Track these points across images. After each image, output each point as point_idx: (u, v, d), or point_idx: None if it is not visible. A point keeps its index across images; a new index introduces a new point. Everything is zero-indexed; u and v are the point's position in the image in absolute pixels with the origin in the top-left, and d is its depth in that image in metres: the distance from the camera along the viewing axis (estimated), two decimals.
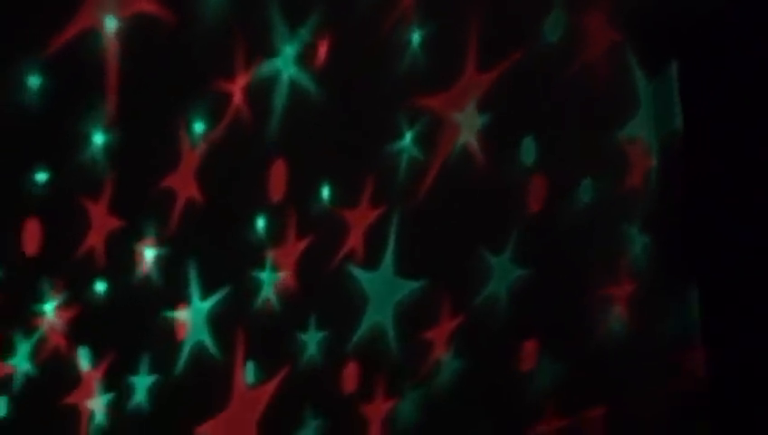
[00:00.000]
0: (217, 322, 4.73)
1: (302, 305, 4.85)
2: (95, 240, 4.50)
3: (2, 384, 4.37)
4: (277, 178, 4.75)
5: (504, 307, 5.10)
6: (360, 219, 4.90)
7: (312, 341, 4.85)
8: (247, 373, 4.78)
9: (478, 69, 4.99)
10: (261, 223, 4.79)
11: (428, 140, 4.98)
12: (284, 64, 4.74)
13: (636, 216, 5.26)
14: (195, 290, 4.68)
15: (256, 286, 4.78)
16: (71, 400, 4.51)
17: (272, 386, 4.76)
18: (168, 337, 4.65)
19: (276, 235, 4.80)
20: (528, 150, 5.09)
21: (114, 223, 4.53)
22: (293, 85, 4.76)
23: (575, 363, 5.14)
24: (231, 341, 4.76)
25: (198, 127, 4.60)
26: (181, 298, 4.66)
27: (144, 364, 4.60)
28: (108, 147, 4.49)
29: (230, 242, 4.73)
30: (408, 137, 4.95)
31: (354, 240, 4.90)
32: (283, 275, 4.82)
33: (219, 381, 4.70)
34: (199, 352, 4.69)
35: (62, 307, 4.45)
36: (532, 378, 5.08)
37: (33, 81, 4.36)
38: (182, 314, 4.67)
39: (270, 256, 4.79)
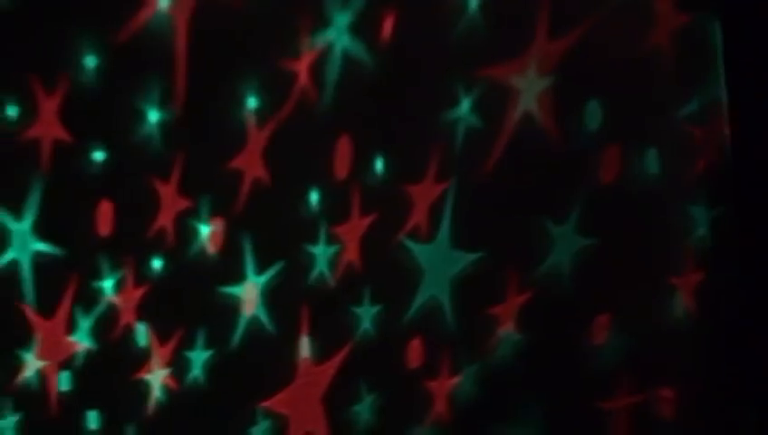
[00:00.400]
0: (273, 297, 4.48)
1: (356, 279, 4.31)
2: (165, 220, 4.64)
3: (67, 359, 4.78)
4: (342, 154, 4.35)
5: (568, 279, 3.88)
6: (423, 194, 4.18)
7: (366, 315, 4.27)
8: (303, 348, 4.39)
9: (542, 34, 3.95)
10: (315, 197, 4.41)
11: (487, 107, 4.05)
12: (339, 35, 4.32)
13: (703, 194, 3.64)
14: (250, 265, 4.48)
15: (311, 261, 4.39)
16: (131, 374, 4.70)
17: (335, 361, 4.32)
18: (225, 312, 4.54)
19: (338, 210, 4.37)
20: (593, 116, 3.82)
21: (183, 203, 4.61)
22: (351, 59, 4.31)
23: (644, 340, 3.73)
24: (288, 315, 4.46)
25: (264, 107, 4.47)
26: (238, 273, 4.53)
27: (201, 339, 4.56)
28: (176, 129, 4.60)
29: (288, 218, 4.44)
30: (466, 105, 4.09)
31: (419, 215, 4.19)
32: (338, 250, 4.34)
33: (277, 355, 4.44)
34: (255, 326, 4.49)
35: (124, 284, 4.68)
36: (598, 353, 3.78)
37: (104, 63, 4.64)
38: (239, 289, 4.52)
39: (327, 230, 4.37)
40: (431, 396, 4.12)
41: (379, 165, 4.22)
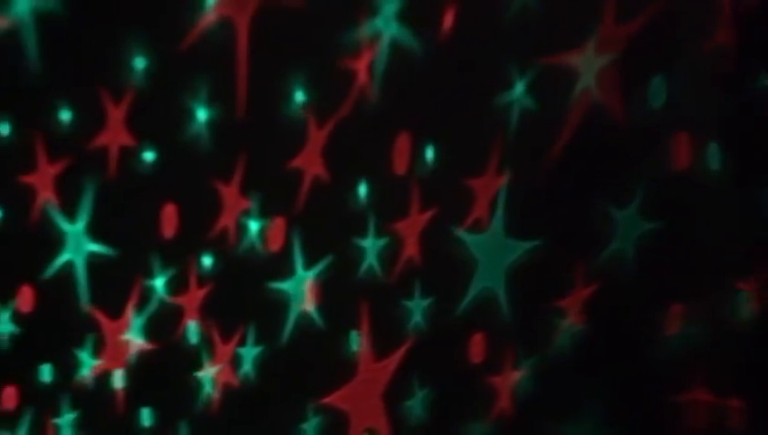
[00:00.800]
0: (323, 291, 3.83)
1: (406, 272, 3.65)
2: (227, 220, 4.00)
3: (123, 358, 4.17)
4: (401, 149, 3.69)
5: (631, 266, 3.21)
6: (484, 186, 3.53)
7: (417, 308, 3.61)
8: (353, 343, 3.74)
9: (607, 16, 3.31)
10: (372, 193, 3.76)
11: (543, 88, 3.39)
12: (387, 24, 3.67)
13: None
14: (308, 263, 3.85)
15: (368, 256, 3.74)
16: (184, 372, 4.07)
17: (395, 357, 3.66)
18: (274, 308, 3.89)
19: (397, 205, 3.71)
20: (657, 94, 3.16)
21: (244, 203, 3.96)
22: (400, 47, 3.66)
23: (714, 332, 3.07)
24: (337, 310, 3.80)
25: (324, 106, 3.82)
26: (287, 268, 3.88)
27: (251, 335, 3.92)
28: (238, 131, 3.97)
29: (348, 214, 3.80)
30: (520, 87, 3.43)
31: (480, 209, 3.53)
32: (396, 245, 3.68)
33: (328, 350, 3.79)
34: (305, 322, 3.84)
35: (175, 283, 4.06)
36: (665, 344, 3.12)
37: (165, 68, 4.03)
38: (288, 285, 3.88)
39: (385, 226, 3.72)
40: (492, 391, 3.48)
41: (437, 159, 3.59)
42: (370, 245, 3.70)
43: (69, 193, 4.11)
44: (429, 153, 3.57)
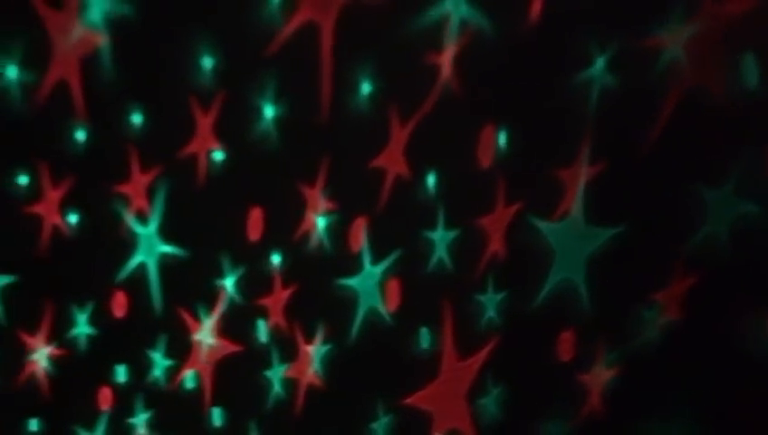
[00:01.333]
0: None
1: (477, 265, 2.89)
2: (311, 223, 3.26)
3: (191, 357, 3.45)
4: (485, 143, 2.93)
5: (726, 251, 2.43)
6: (572, 177, 2.76)
7: (490, 303, 2.86)
8: (422, 339, 2.98)
9: None
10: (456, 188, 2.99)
11: (625, 65, 2.62)
12: (456, 5, 2.93)
13: None
14: (395, 262, 3.10)
15: (429, 247, 2.98)
16: (250, 370, 3.33)
17: (480, 356, 2.90)
18: (343, 305, 3.15)
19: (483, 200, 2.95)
20: (749, 69, 2.39)
21: (327, 205, 3.22)
22: (471, 28, 2.91)
23: None
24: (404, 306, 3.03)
25: (407, 103, 3.08)
26: (354, 264, 3.13)
27: (320, 333, 3.19)
28: (322, 133, 3.22)
29: (430, 211, 3.05)
30: (600, 63, 2.67)
31: (569, 201, 2.77)
32: (462, 236, 2.93)
33: (399, 347, 3.04)
34: (372, 317, 3.09)
35: (242, 281, 3.34)
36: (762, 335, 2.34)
37: (249, 72, 3.28)
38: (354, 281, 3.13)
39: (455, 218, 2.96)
40: (578, 389, 2.73)
41: (522, 150, 2.84)
42: (440, 238, 2.96)
43: (158, 200, 3.41)
44: (513, 144, 2.82)
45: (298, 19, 3.01)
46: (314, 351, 3.15)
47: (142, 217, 3.40)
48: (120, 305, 3.52)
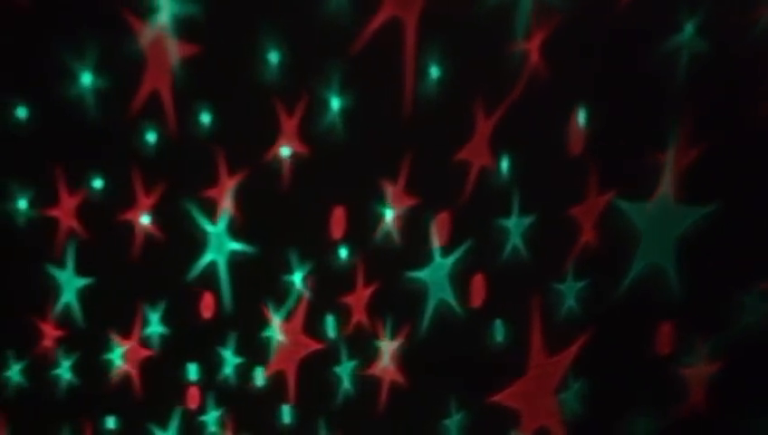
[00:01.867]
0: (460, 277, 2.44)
1: (553, 251, 2.27)
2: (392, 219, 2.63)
3: (259, 354, 2.85)
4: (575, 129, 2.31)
5: None
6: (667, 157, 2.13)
7: (569, 292, 2.24)
8: (497, 332, 2.36)
9: None
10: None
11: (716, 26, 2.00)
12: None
13: None
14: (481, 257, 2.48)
15: (503, 236, 2.37)
16: (319, 367, 2.73)
17: (571, 351, 2.26)
18: (411, 297, 2.54)
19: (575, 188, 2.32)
20: None
21: (409, 201, 2.61)
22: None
23: None
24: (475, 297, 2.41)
25: (494, 93, 2.47)
26: (468, 267, 2.50)
27: (387, 327, 2.58)
28: (405, 130, 2.62)
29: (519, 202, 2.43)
30: (689, 28, 2.05)
31: (661, 183, 2.13)
32: (530, 220, 2.30)
33: (467, 341, 2.41)
34: (444, 310, 2.47)
35: (312, 276, 2.75)
36: None
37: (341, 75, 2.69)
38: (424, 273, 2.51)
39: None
40: (671, 382, 2.10)
41: (615, 135, 2.22)
42: (514, 225, 2.36)
43: (245, 204, 2.84)
44: (604, 128, 2.21)
45: (381, 16, 2.43)
46: (393, 347, 2.54)
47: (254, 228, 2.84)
48: (193, 304, 2.98)
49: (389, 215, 2.53)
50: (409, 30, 2.42)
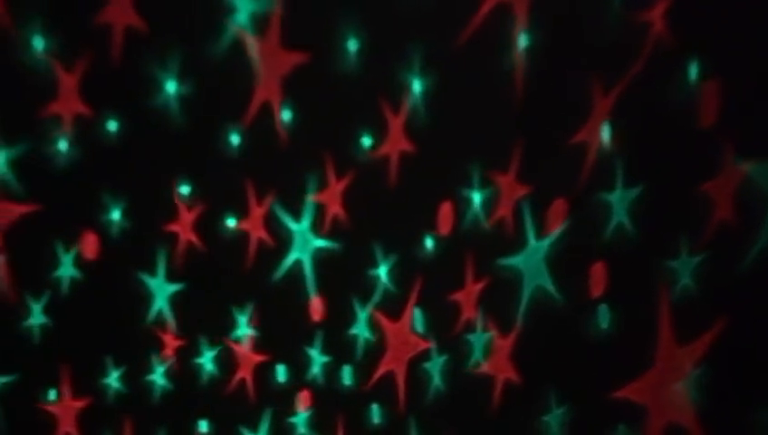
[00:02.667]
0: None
1: (662, 225, 1.80)
2: (504, 211, 2.20)
3: (346, 352, 2.45)
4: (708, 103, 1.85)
5: None
6: None
7: (684, 268, 1.77)
8: (601, 318, 1.91)
9: None
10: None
11: None
12: None
13: None
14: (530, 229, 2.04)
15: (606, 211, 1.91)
16: (427, 365, 2.29)
17: (704, 340, 1.78)
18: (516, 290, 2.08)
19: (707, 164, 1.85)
20: None
21: (521, 190, 2.18)
22: None
23: None
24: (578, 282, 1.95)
25: (611, 70, 2.03)
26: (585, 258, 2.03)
27: (479, 321, 2.13)
28: (517, 119, 2.19)
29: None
30: None
31: None
32: (635, 192, 1.85)
33: (567, 329, 1.95)
34: (541, 298, 2.02)
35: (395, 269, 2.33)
36: None
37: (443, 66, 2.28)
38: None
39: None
40: None
41: (745, 107, 1.74)
42: (617, 199, 1.91)
43: (354, 204, 2.45)
44: (736, 97, 1.75)
45: (487, 5, 2.03)
46: (501, 343, 2.10)
47: (339, 225, 2.45)
48: (274, 303, 2.60)
49: (499, 206, 2.11)
50: (520, 13, 2.01)
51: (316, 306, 2.42)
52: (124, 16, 2.14)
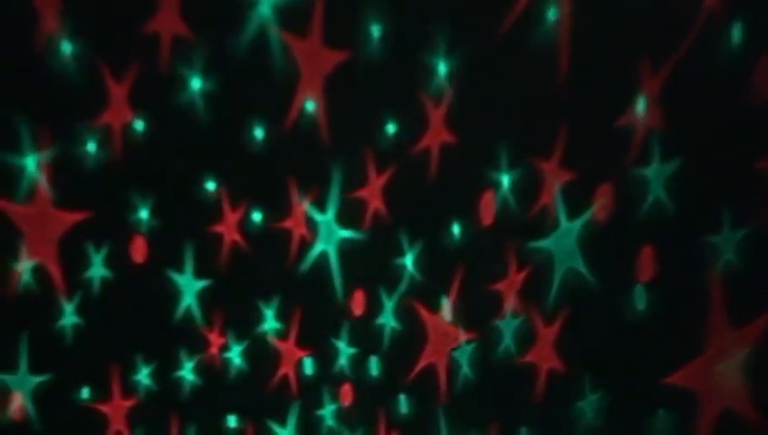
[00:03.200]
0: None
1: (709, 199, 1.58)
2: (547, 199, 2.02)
3: (373, 343, 2.24)
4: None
5: None
6: None
7: (727, 242, 1.54)
8: (637, 300, 1.68)
9: None
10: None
11: None
12: None
13: None
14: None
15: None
16: (432, 352, 2.09)
17: (758, 323, 1.53)
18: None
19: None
20: None
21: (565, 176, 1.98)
22: None
23: None
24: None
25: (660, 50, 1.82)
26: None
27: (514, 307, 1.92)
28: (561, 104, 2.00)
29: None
30: None
31: None
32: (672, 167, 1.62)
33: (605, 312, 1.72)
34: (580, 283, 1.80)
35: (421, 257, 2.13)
36: None
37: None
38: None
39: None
40: None
41: None
42: (653, 174, 1.69)
43: (394, 198, 2.24)
44: None
45: None
46: (504, 325, 1.90)
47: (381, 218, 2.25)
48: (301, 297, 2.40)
49: (547, 193, 1.90)
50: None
51: (358, 299, 2.22)
52: (171, 24, 1.96)
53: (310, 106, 2.11)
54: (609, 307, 1.57)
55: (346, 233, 2.22)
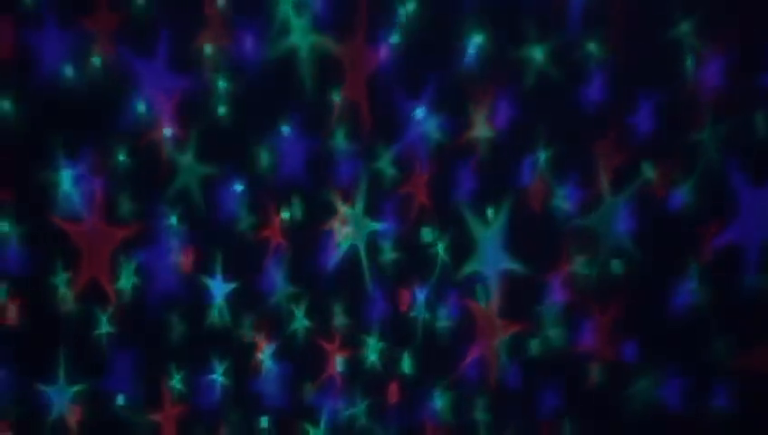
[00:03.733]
0: None
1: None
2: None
3: (406, 335, 2.02)
4: None
5: None
6: None
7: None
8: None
9: None
10: None
11: None
12: None
13: None
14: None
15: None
16: (474, 345, 1.87)
17: None
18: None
19: None
20: None
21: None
22: None
23: None
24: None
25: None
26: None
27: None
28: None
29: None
30: None
31: None
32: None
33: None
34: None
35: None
36: None
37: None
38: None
39: None
40: None
41: None
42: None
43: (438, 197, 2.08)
44: None
45: None
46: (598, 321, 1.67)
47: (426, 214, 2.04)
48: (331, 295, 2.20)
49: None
50: None
51: (404, 296, 2.02)
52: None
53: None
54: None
55: (375, 226, 2.01)
